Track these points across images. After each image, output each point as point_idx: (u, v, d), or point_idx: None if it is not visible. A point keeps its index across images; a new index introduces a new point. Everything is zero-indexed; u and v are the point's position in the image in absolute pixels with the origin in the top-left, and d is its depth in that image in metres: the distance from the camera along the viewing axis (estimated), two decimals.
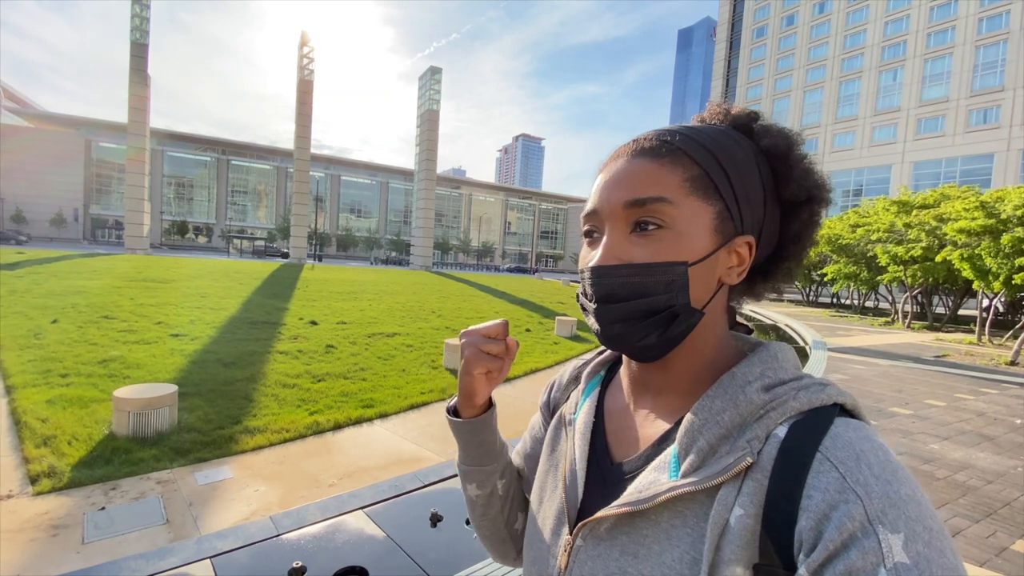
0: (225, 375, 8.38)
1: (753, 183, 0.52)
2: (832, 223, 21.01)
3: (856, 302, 24.79)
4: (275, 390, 7.90)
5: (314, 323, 13.73)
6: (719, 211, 0.50)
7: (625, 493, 0.49)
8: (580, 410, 0.63)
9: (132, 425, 5.85)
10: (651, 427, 0.54)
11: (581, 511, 0.54)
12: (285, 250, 56.28)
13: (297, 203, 46.36)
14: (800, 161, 0.53)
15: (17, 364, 8.21)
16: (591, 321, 0.53)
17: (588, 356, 0.70)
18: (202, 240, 73.42)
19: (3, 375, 7.78)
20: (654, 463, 0.50)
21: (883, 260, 15.57)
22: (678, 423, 0.51)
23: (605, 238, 0.51)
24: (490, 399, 0.70)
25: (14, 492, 4.77)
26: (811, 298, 30.75)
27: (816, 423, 0.43)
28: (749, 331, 0.59)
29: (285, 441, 6.20)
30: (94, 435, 5.78)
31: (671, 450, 0.49)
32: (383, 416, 7.28)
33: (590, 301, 0.53)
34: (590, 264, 0.52)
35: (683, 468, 0.46)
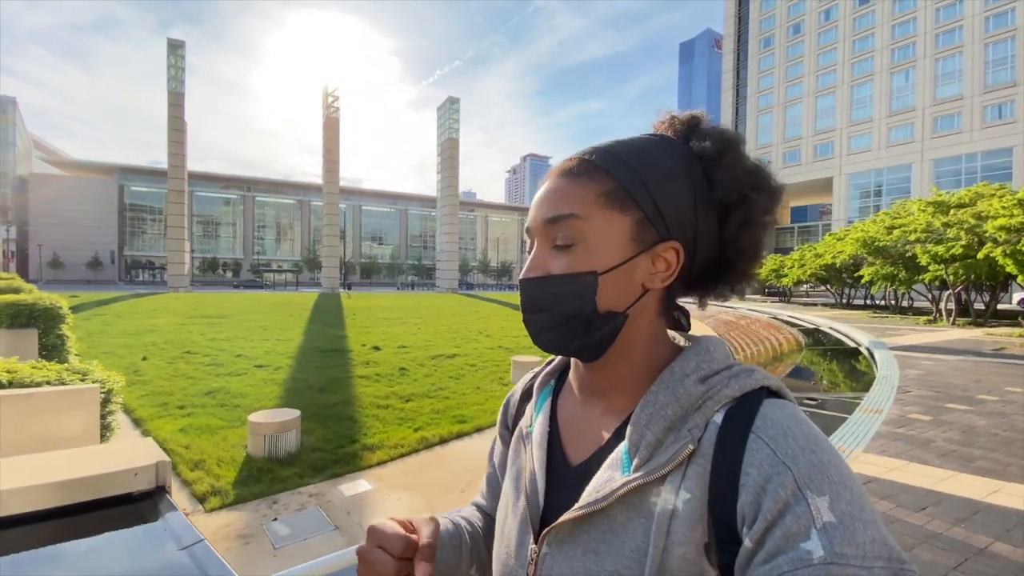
0: (322, 400, 8.99)
1: (679, 189, 0.53)
2: (866, 226, 21.21)
3: (892, 302, 24.80)
4: (373, 411, 8.48)
5: (377, 348, 14.37)
6: (637, 220, 0.53)
7: (583, 494, 0.51)
8: (535, 422, 0.64)
9: (267, 447, 6.41)
10: (602, 427, 0.56)
11: (544, 519, 0.56)
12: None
13: (328, 235, 47.85)
14: (730, 164, 0.54)
15: (132, 399, 8.88)
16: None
17: (536, 370, 0.72)
18: (228, 276, 75.57)
19: (124, 409, 8.47)
20: (607, 461, 0.52)
21: (923, 260, 15.78)
22: (626, 420, 0.53)
23: (532, 254, 0.56)
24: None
25: (188, 510, 5.33)
26: (844, 301, 30.67)
27: (748, 407, 0.48)
28: (687, 329, 0.62)
29: (403, 455, 6.75)
30: (236, 457, 6.36)
31: (622, 447, 0.51)
32: (479, 430, 7.80)
33: (523, 312, 0.57)
34: (519, 277, 0.56)
35: (634, 463, 0.49)
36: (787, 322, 19.37)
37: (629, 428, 0.51)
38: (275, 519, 5.11)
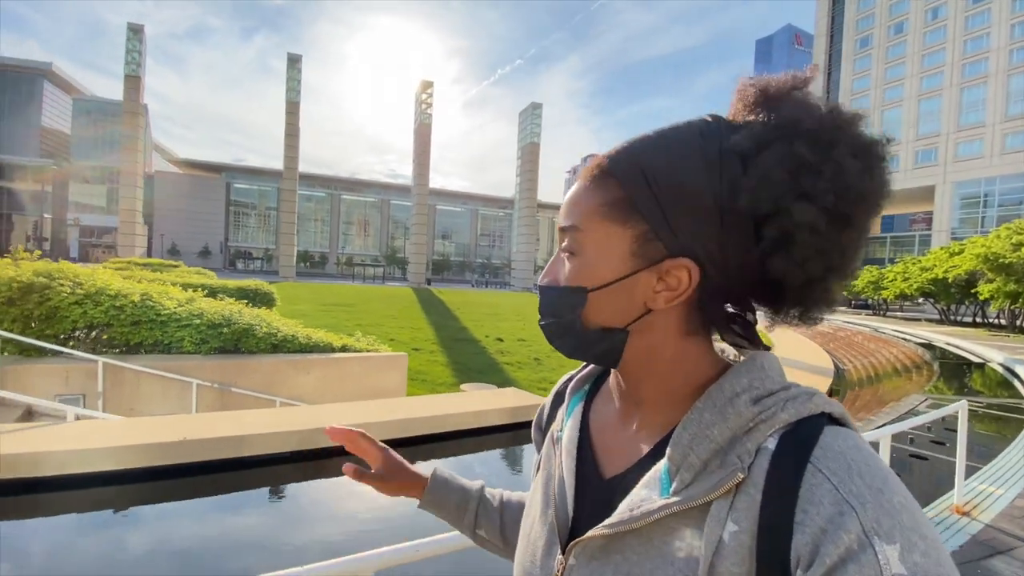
0: (488, 380, 10.57)
1: (699, 196, 0.46)
2: (988, 241, 20.47)
3: (1010, 320, 23.64)
4: (536, 391, 9.91)
5: (500, 340, 15.97)
6: (640, 234, 0.48)
7: (616, 511, 0.48)
8: (566, 426, 0.61)
9: None
10: (640, 440, 0.53)
11: (573, 529, 0.53)
12: None
13: (416, 233, 51.02)
14: (767, 161, 0.44)
15: None
16: None
17: (572, 373, 0.69)
18: (308, 267, 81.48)
19: None
20: (644, 479, 0.48)
21: None
22: (667, 436, 0.50)
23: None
24: (424, 479, 0.77)
25: None
26: (952, 317, 29.27)
27: (805, 434, 0.43)
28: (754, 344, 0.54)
29: None
30: None
31: (661, 465, 0.48)
32: None
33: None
34: None
35: (674, 485, 0.45)
36: (894, 337, 19.19)
37: (670, 447, 0.47)
38: None
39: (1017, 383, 9.13)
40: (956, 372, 11.91)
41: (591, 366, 0.66)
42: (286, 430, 3.55)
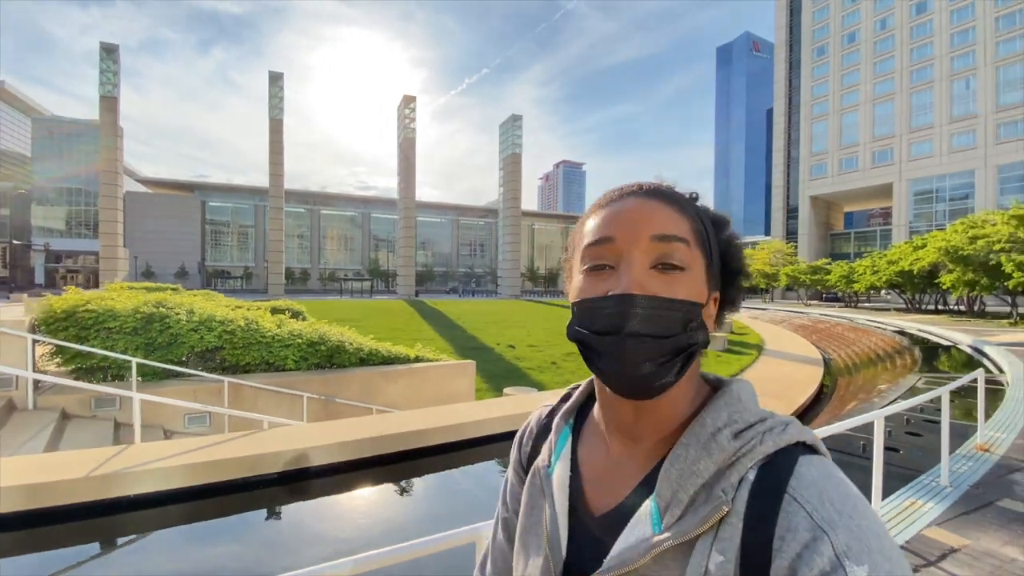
0: (518, 384, 11.34)
1: (715, 248, 0.57)
2: (947, 235, 22.42)
3: (970, 307, 25.81)
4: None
5: (512, 347, 16.70)
6: (708, 264, 0.55)
7: (612, 553, 0.50)
8: (555, 464, 0.61)
9: None
10: (629, 475, 0.55)
11: (567, 570, 0.55)
12: None
13: (404, 246, 51.24)
14: (737, 238, 0.59)
15: None
16: (604, 361, 0.52)
17: (551, 404, 0.69)
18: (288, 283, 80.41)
19: None
20: (636, 516, 0.50)
21: (1008, 268, 17.19)
22: (653, 470, 0.52)
23: (627, 269, 0.52)
24: None
25: None
26: (917, 306, 31.54)
27: (783, 464, 0.47)
28: None
29: None
30: None
31: (651, 501, 0.50)
32: None
33: (608, 334, 0.51)
34: (617, 291, 0.51)
35: (665, 520, 0.48)
36: (870, 326, 20.76)
37: (659, 482, 0.50)
38: None
39: (986, 361, 10.47)
40: (932, 355, 13.30)
41: (571, 398, 0.67)
42: (443, 425, 4.36)
